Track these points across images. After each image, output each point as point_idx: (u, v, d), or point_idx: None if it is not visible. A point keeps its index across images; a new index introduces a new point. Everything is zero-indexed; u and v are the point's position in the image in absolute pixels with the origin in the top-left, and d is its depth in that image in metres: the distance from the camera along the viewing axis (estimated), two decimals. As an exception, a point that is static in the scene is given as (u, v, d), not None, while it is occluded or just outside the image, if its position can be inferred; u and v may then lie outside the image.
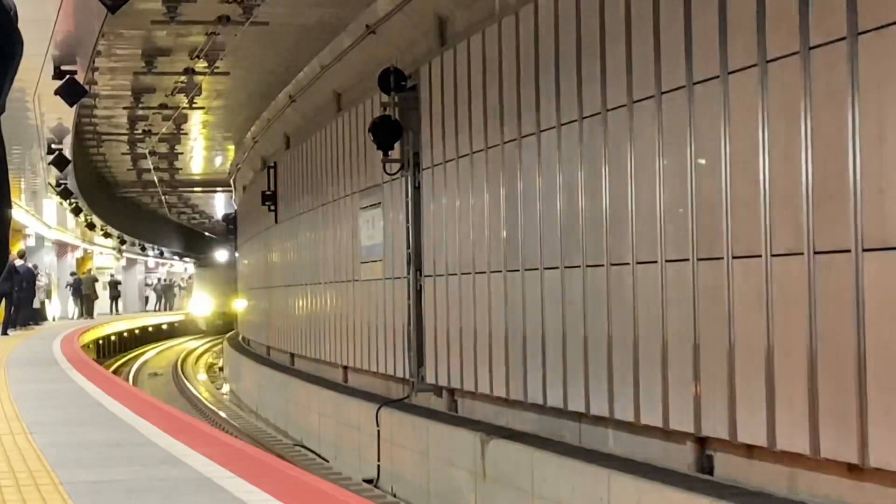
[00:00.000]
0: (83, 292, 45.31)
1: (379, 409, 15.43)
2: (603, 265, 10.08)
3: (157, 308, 67.95)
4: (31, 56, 14.18)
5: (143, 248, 61.04)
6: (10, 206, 2.76)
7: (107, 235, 47.58)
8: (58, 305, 44.10)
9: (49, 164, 22.95)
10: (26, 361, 18.23)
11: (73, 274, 46.36)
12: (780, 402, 7.79)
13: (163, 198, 46.78)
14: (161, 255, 66.66)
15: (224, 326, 53.65)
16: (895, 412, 6.85)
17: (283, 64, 21.16)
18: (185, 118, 27.32)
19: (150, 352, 46.92)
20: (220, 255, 61.72)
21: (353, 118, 18.33)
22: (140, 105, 25.74)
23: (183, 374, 35.87)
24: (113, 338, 42.89)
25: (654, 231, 9.28)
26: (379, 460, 15.40)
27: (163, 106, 25.68)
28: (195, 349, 48.25)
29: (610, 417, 10.07)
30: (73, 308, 45.02)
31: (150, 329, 54.07)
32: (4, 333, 28.44)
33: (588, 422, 10.71)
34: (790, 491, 7.97)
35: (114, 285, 53.87)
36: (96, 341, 36.14)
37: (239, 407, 28.30)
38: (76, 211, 33.86)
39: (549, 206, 11.12)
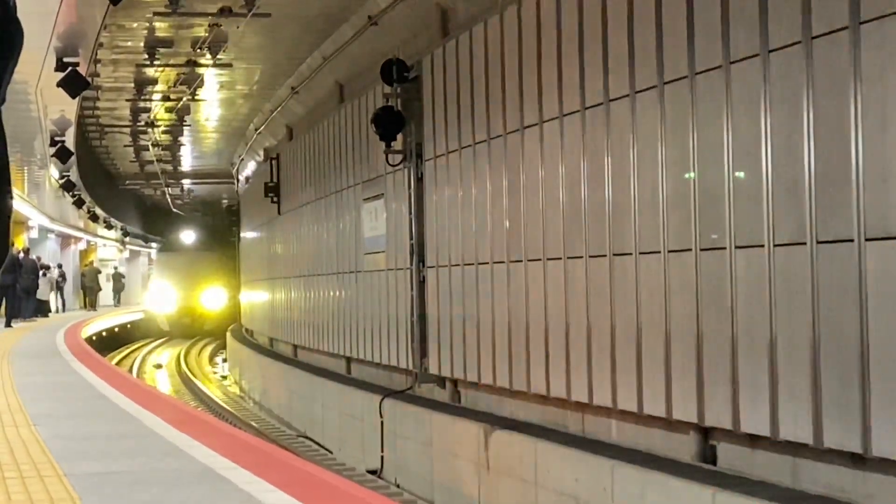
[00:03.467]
0: (86, 284, 45.04)
1: (382, 400, 15.43)
2: (605, 255, 10.08)
3: None
4: (33, 48, 14.17)
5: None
6: (11, 197, 2.76)
7: (109, 227, 47.07)
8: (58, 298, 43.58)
9: (52, 156, 22.95)
10: (30, 353, 18.24)
11: (59, 266, 43.34)
12: (782, 392, 7.79)
13: (166, 189, 46.56)
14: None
15: (192, 327, 46.27)
16: (898, 402, 6.85)
17: (286, 55, 21.15)
18: (187, 110, 27.32)
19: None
20: (187, 236, 51.01)
21: (355, 109, 18.32)
22: (143, 97, 25.75)
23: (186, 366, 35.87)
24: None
25: (656, 221, 9.28)
26: (382, 451, 15.41)
27: (165, 98, 25.68)
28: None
29: (613, 408, 10.07)
30: (55, 302, 41.56)
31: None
32: (8, 325, 28.46)
33: (591, 412, 10.71)
34: (793, 481, 7.97)
35: (117, 277, 53.89)
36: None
37: (242, 398, 28.32)
38: (79, 203, 33.83)
39: (551, 197, 11.12)
